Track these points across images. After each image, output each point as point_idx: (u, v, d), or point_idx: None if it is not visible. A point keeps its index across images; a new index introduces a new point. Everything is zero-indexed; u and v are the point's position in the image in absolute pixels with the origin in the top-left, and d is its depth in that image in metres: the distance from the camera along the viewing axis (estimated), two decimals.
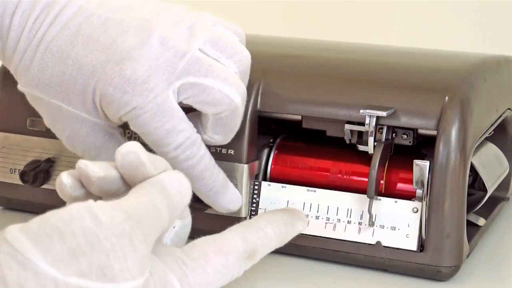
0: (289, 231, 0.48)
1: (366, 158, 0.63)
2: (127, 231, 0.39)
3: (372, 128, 0.59)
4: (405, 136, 0.61)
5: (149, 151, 0.46)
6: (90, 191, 0.46)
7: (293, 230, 0.49)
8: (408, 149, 0.62)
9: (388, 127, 0.60)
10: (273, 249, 0.48)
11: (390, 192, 0.61)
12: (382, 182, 0.61)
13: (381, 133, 0.60)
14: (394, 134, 0.61)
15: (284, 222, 0.48)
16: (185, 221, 0.49)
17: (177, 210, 0.44)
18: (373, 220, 0.60)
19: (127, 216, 0.40)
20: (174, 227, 0.48)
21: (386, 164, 0.61)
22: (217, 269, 0.44)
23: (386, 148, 0.60)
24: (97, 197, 0.43)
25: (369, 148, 0.60)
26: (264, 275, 0.60)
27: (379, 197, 0.60)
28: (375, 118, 0.59)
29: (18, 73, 0.58)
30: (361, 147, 0.61)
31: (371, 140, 0.60)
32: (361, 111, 0.59)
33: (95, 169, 0.45)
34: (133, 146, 0.45)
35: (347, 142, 0.62)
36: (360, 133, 0.61)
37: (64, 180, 0.46)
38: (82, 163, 0.45)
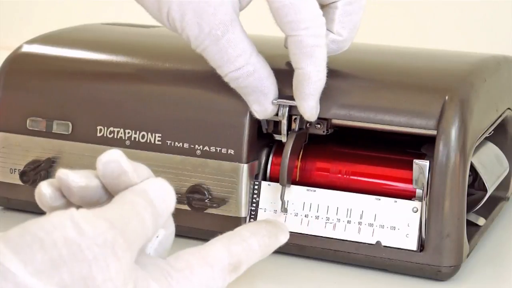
0: (272, 243, 0.48)
1: (366, 158, 0.63)
2: (110, 241, 0.39)
3: (285, 118, 0.61)
4: (319, 125, 0.62)
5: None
6: (70, 201, 0.45)
7: (276, 241, 0.48)
8: (407, 147, 0.62)
9: (302, 116, 0.61)
10: (257, 261, 0.47)
11: (305, 181, 0.63)
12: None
13: (295, 122, 0.62)
14: (308, 124, 0.62)
15: (268, 233, 0.48)
16: (169, 231, 0.48)
17: (161, 218, 0.43)
18: (286, 206, 0.61)
19: (109, 225, 0.39)
20: (157, 237, 0.47)
21: (301, 153, 0.63)
22: (202, 281, 0.43)
23: (299, 137, 0.62)
24: (78, 207, 0.42)
25: (283, 137, 0.62)
26: (264, 275, 0.60)
27: (378, 197, 0.60)
28: (287, 108, 0.60)
29: None
30: (277, 136, 0.62)
31: (284, 129, 0.61)
32: (273, 101, 0.60)
33: (76, 179, 0.44)
34: (114, 154, 0.43)
35: (264, 131, 0.63)
36: (276, 123, 0.62)
37: (44, 190, 0.44)
38: (62, 173, 0.44)
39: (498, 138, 0.71)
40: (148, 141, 0.64)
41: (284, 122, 0.61)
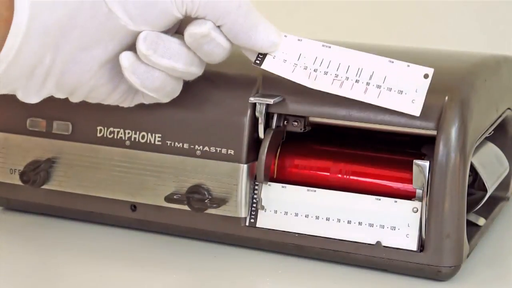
0: None
1: (366, 158, 0.63)
2: None
3: (262, 115, 0.61)
4: (296, 123, 0.63)
5: None
6: None
7: None
8: (405, 147, 0.62)
9: (280, 114, 0.62)
10: None
11: (282, 178, 0.63)
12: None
13: (272, 120, 0.63)
14: (285, 122, 0.63)
15: None
16: None
17: None
18: (262, 204, 0.62)
19: None
20: None
21: (278, 150, 0.64)
22: None
23: (277, 134, 0.62)
24: None
25: (260, 134, 0.62)
26: (264, 275, 0.60)
27: (378, 197, 0.60)
28: (264, 106, 0.61)
29: None
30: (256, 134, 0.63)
31: (261, 126, 0.62)
32: (250, 98, 0.61)
33: None
34: None
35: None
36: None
37: None
38: None
39: (498, 138, 0.71)
40: (148, 141, 0.64)
41: (261, 120, 0.61)
